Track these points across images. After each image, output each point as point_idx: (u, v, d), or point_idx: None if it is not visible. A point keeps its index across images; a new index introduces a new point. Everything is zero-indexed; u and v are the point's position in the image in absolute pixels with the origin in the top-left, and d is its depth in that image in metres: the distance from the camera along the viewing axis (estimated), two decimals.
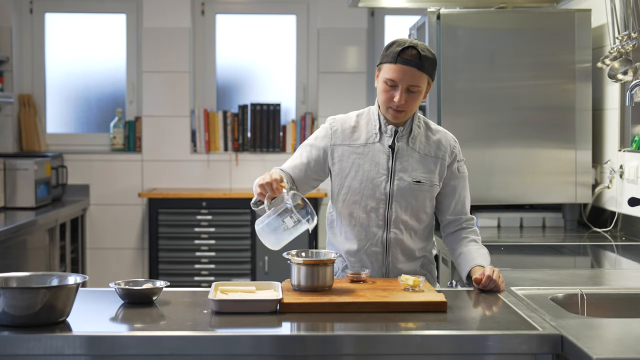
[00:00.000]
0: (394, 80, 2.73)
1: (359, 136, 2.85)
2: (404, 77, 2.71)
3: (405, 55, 2.71)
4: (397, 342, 2.11)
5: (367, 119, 2.88)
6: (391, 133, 2.82)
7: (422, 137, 2.85)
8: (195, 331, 2.13)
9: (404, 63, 2.71)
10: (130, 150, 6.21)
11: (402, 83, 2.72)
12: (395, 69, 2.72)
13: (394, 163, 2.82)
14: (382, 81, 2.77)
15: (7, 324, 2.13)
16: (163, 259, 5.83)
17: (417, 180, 2.82)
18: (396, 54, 2.72)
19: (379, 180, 2.81)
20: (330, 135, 2.87)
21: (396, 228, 2.82)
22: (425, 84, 2.76)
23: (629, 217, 3.86)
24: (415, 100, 2.75)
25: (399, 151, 2.82)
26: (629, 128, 3.94)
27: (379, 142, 2.83)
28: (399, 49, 2.72)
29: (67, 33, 6.32)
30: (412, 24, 4.72)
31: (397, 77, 2.72)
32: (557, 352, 2.07)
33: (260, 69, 6.38)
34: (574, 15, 4.16)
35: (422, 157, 2.84)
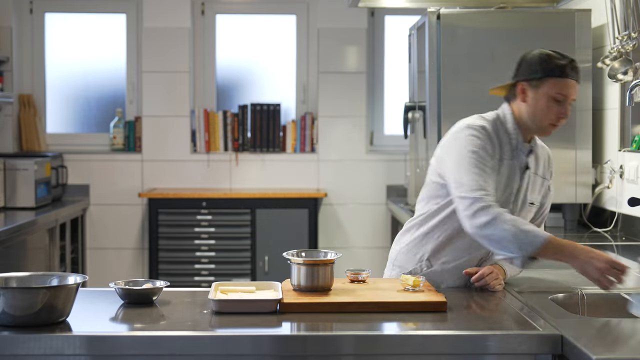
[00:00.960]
0: (564, 94, 2.63)
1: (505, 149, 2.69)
2: (571, 91, 2.63)
3: (571, 69, 2.63)
4: (397, 342, 2.11)
5: (503, 131, 2.70)
6: (525, 152, 2.71)
7: (536, 155, 2.77)
8: (195, 331, 2.13)
9: (572, 78, 2.63)
10: (130, 150, 6.21)
11: (570, 97, 2.64)
12: (565, 84, 2.62)
13: (520, 183, 2.70)
14: (546, 96, 2.63)
15: (7, 324, 2.13)
16: (163, 259, 5.83)
17: (531, 202, 2.74)
18: (563, 68, 2.63)
19: (507, 199, 2.68)
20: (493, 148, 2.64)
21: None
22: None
23: (629, 217, 3.86)
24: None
25: (529, 172, 2.71)
26: (629, 128, 3.94)
27: (514, 160, 2.69)
28: (564, 62, 2.63)
29: (67, 33, 6.32)
30: (412, 24, 4.72)
31: (568, 92, 2.63)
32: (557, 352, 2.07)
33: (260, 69, 6.38)
34: (574, 15, 4.16)
35: (536, 177, 2.75)
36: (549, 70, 2.64)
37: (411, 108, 4.63)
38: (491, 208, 2.48)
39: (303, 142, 6.18)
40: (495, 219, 2.46)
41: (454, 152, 2.65)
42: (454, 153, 2.65)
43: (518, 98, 2.70)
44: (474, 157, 2.59)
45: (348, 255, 5.99)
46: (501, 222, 2.46)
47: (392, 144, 6.25)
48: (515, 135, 2.70)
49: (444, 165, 2.69)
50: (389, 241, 6.11)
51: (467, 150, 2.60)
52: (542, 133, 2.71)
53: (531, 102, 2.67)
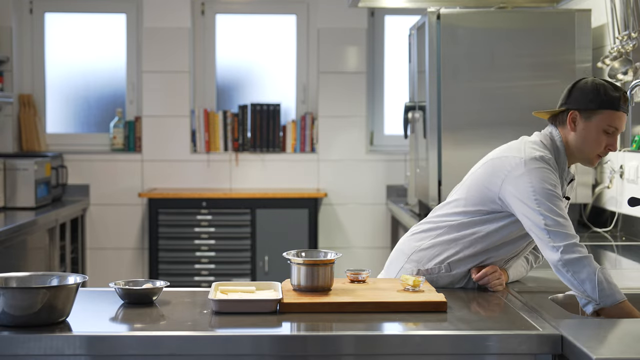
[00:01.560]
0: (616, 127, 2.58)
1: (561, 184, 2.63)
2: (622, 124, 2.59)
3: (624, 101, 2.59)
4: (397, 342, 2.11)
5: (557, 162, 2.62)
6: (568, 180, 2.66)
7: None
8: (195, 331, 2.13)
9: (624, 111, 2.59)
10: (130, 150, 6.21)
11: (620, 129, 2.60)
12: (619, 117, 2.58)
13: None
14: (598, 128, 2.58)
15: (7, 324, 2.13)
16: (163, 259, 5.83)
17: None
18: (618, 100, 2.57)
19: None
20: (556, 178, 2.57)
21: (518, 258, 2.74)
22: None
23: (629, 217, 3.86)
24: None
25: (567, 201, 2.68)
26: (629, 128, 3.94)
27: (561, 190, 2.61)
28: (618, 95, 2.58)
29: (67, 33, 6.32)
30: (412, 24, 4.72)
31: (620, 125, 2.59)
32: (557, 352, 2.07)
33: (260, 69, 6.38)
34: (574, 15, 4.16)
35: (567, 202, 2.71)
36: (604, 102, 2.57)
37: (411, 108, 4.63)
38: (583, 248, 2.46)
39: (303, 142, 6.18)
40: (586, 259, 2.43)
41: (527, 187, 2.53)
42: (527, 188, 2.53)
43: (568, 126, 2.63)
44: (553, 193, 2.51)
45: (348, 255, 5.99)
46: (590, 266, 2.42)
47: (392, 144, 6.25)
48: (564, 163, 2.64)
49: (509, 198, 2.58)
50: (389, 241, 6.11)
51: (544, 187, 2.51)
52: (587, 163, 2.66)
53: (581, 133, 2.60)
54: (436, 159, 4.19)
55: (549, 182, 2.51)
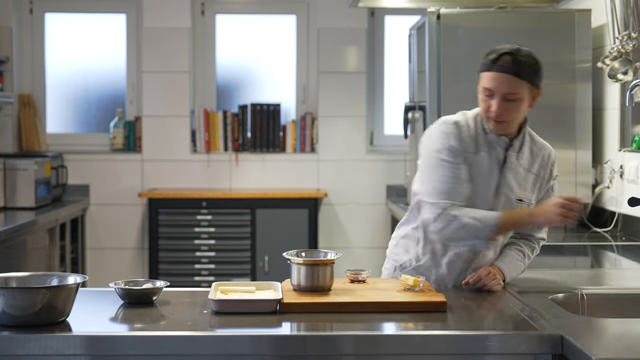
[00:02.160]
0: (489, 89, 2.62)
1: (478, 144, 2.69)
2: (499, 86, 2.60)
3: (501, 62, 2.60)
4: (397, 342, 2.11)
5: (480, 126, 2.71)
6: (502, 146, 2.69)
7: (527, 152, 2.73)
8: (195, 331, 2.13)
9: (499, 70, 2.60)
10: (130, 150, 6.21)
11: (498, 91, 2.60)
12: (491, 77, 2.62)
13: (501, 178, 2.68)
14: (480, 90, 2.67)
15: (7, 324, 2.13)
16: (163, 259, 5.83)
17: (519, 199, 2.69)
18: (492, 61, 2.62)
19: (486, 194, 2.67)
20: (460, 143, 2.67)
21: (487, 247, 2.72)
22: (525, 91, 2.61)
23: (629, 217, 3.86)
24: (515, 109, 2.62)
25: (509, 166, 2.68)
26: (629, 128, 3.94)
27: (489, 154, 2.68)
28: (494, 56, 2.62)
29: (67, 33, 6.32)
30: (412, 24, 4.72)
31: (493, 85, 2.61)
32: (557, 352, 2.07)
33: (260, 69, 6.38)
34: (574, 15, 4.16)
35: (527, 173, 2.71)
36: (482, 64, 2.68)
37: (411, 108, 4.63)
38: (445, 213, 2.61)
39: (303, 142, 6.18)
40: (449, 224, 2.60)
41: (423, 151, 2.74)
42: (423, 152, 2.74)
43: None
44: (439, 157, 2.65)
45: (348, 255, 5.99)
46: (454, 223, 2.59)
47: (392, 144, 6.25)
48: (488, 129, 2.69)
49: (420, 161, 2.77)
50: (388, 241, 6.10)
51: (433, 151, 2.68)
52: (491, 127, 2.68)
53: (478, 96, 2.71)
54: None
55: (444, 146, 2.65)
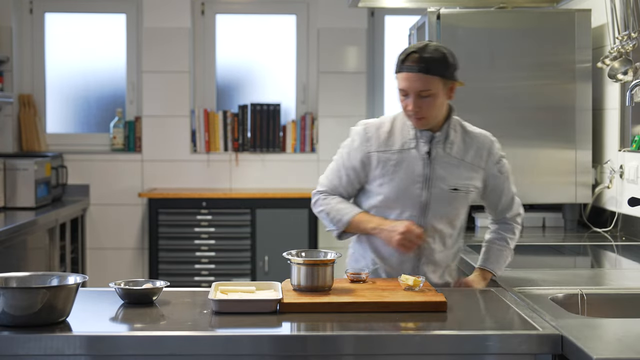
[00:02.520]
0: (403, 89, 2.67)
1: (394, 142, 2.76)
2: (410, 85, 2.64)
3: (408, 61, 2.65)
4: (397, 342, 2.11)
5: (402, 124, 2.78)
6: (427, 139, 2.73)
7: (459, 142, 2.77)
8: (195, 331, 2.13)
9: (408, 70, 2.64)
10: (130, 150, 6.21)
11: (411, 90, 2.64)
12: (401, 77, 2.67)
13: (430, 170, 2.73)
14: (398, 91, 2.71)
15: (7, 324, 2.13)
16: (163, 259, 5.83)
17: (453, 188, 2.74)
18: (400, 63, 2.67)
19: (414, 188, 2.73)
20: (365, 143, 2.78)
21: (430, 237, 2.76)
22: (437, 86, 2.65)
23: (629, 217, 3.86)
24: (432, 105, 2.66)
25: (435, 158, 2.73)
26: (629, 128, 3.94)
27: (415, 149, 2.74)
28: (402, 57, 2.66)
29: (67, 33, 6.32)
30: (412, 24, 4.72)
31: (405, 85, 2.66)
32: (557, 352, 2.07)
33: (260, 69, 6.38)
34: (574, 15, 4.16)
35: (459, 162, 2.75)
36: (395, 67, 2.72)
37: None
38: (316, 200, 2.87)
39: (303, 142, 6.18)
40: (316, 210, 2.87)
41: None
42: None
43: None
44: (338, 154, 2.87)
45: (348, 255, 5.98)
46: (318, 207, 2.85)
47: None
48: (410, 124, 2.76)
49: None
50: None
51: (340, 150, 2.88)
52: (413, 124, 2.74)
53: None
54: None
55: (347, 146, 2.84)
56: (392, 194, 2.73)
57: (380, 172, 2.75)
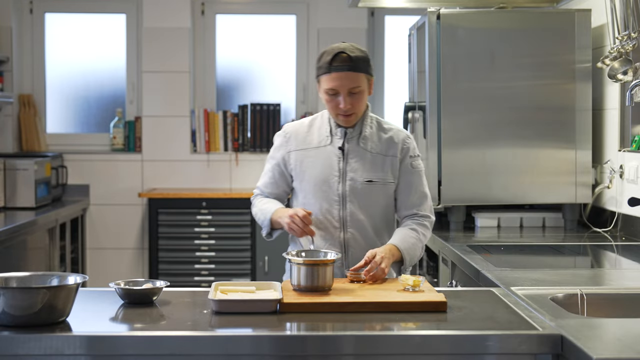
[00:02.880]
0: (333, 89, 2.80)
1: (311, 140, 2.93)
2: (342, 83, 2.79)
3: (337, 62, 2.79)
4: (397, 342, 2.11)
5: (320, 123, 2.95)
6: (341, 135, 2.89)
7: (374, 136, 2.91)
8: (195, 331, 2.13)
9: (337, 70, 2.78)
10: (130, 150, 6.21)
11: (342, 89, 2.79)
12: (332, 77, 2.79)
13: (345, 164, 2.87)
14: (324, 92, 2.85)
15: (7, 324, 2.13)
16: (163, 259, 5.83)
17: (368, 180, 2.87)
18: (328, 64, 2.79)
19: (331, 182, 2.87)
20: (285, 143, 2.97)
21: (352, 228, 2.87)
22: (364, 82, 2.82)
23: (629, 217, 3.86)
24: (360, 100, 2.82)
25: (349, 152, 2.88)
26: (629, 128, 3.94)
27: (331, 145, 2.90)
28: (329, 58, 2.79)
29: (67, 33, 6.32)
30: (412, 24, 4.72)
31: (336, 84, 2.79)
32: (557, 352, 2.07)
33: (260, 69, 6.38)
34: (574, 15, 4.16)
35: (374, 156, 2.89)
36: (318, 68, 2.85)
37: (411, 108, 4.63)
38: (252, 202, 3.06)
39: None
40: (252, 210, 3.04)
41: None
42: None
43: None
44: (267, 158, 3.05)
45: None
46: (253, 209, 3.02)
47: None
48: (328, 123, 2.91)
49: None
50: None
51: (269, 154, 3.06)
52: (342, 123, 2.87)
53: (321, 97, 2.89)
54: (436, 159, 4.19)
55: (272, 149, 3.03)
56: (310, 188, 2.89)
57: (299, 170, 2.93)
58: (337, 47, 2.83)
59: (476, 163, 4.16)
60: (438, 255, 3.86)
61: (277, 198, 3.03)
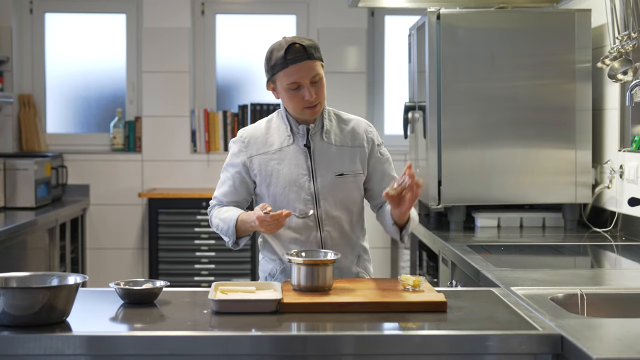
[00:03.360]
0: (295, 81, 2.73)
1: (272, 142, 2.85)
2: (303, 74, 2.72)
3: (292, 54, 2.72)
4: (397, 342, 2.11)
5: (277, 124, 2.87)
6: (304, 132, 2.82)
7: (335, 129, 2.86)
8: (195, 331, 2.13)
9: (295, 62, 2.71)
10: (130, 150, 6.21)
11: (304, 79, 2.72)
12: (291, 71, 2.72)
13: (312, 161, 2.81)
14: (284, 89, 2.76)
15: (7, 324, 2.13)
16: (163, 259, 5.83)
17: (339, 174, 2.82)
18: (283, 58, 2.72)
19: (301, 181, 2.80)
20: (244, 149, 2.87)
21: (328, 226, 2.83)
22: (321, 69, 2.78)
23: (629, 217, 3.86)
24: (322, 88, 2.77)
25: (315, 148, 2.82)
26: (629, 128, 3.94)
27: (294, 144, 2.83)
28: (282, 53, 2.72)
29: (67, 33, 6.32)
30: (412, 24, 4.72)
31: (297, 77, 2.72)
32: (557, 352, 2.07)
33: (261, 69, 6.32)
34: (574, 15, 4.16)
35: (340, 149, 2.84)
36: (272, 67, 2.76)
37: (411, 108, 4.63)
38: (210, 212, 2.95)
39: None
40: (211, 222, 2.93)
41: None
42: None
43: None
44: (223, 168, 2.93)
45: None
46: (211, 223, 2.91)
47: (392, 144, 6.23)
48: (287, 123, 2.84)
49: None
50: (388, 241, 6.11)
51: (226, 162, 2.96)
52: (309, 115, 2.79)
53: (281, 97, 2.81)
54: (436, 159, 4.19)
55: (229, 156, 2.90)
56: (280, 191, 2.81)
57: (264, 174, 2.83)
58: (286, 40, 2.75)
59: (476, 163, 4.16)
60: (438, 255, 3.86)
61: (238, 206, 2.91)
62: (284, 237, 2.87)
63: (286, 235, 2.86)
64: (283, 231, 2.84)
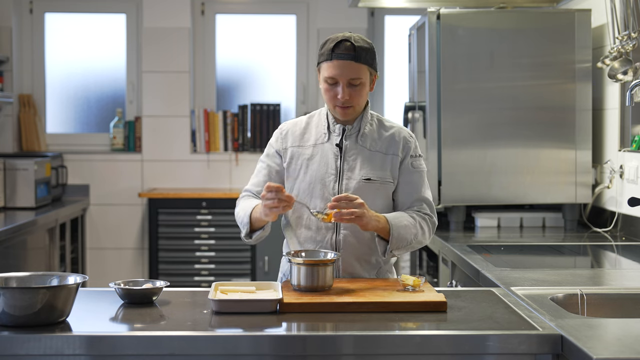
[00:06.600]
0: (333, 77, 2.69)
1: (309, 137, 2.82)
2: (342, 72, 2.67)
3: (340, 49, 2.67)
4: (397, 342, 2.11)
5: (318, 120, 2.84)
6: (339, 132, 2.78)
7: (374, 134, 2.79)
8: (195, 331, 2.13)
9: (339, 58, 2.67)
10: (130, 150, 6.21)
11: (342, 78, 2.68)
12: (332, 65, 2.68)
13: (342, 162, 2.76)
14: (323, 80, 2.73)
15: (7, 324, 2.13)
16: (163, 259, 5.83)
17: (366, 178, 2.74)
18: (330, 51, 2.68)
19: (327, 180, 2.75)
20: (281, 140, 2.84)
21: (346, 229, 2.74)
22: (366, 75, 2.71)
23: (629, 217, 3.86)
24: (360, 93, 2.71)
25: (347, 149, 2.77)
26: (629, 128, 3.94)
27: (328, 142, 2.79)
28: (332, 45, 2.68)
29: (67, 33, 6.32)
30: (412, 24, 4.72)
31: (336, 73, 2.68)
32: (557, 352, 2.07)
33: (260, 69, 6.38)
34: (574, 15, 4.16)
35: (372, 154, 2.77)
36: (320, 55, 2.74)
37: (411, 108, 4.63)
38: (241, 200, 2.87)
39: None
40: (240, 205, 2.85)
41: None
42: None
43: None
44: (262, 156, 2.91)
45: None
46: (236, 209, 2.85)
47: None
48: (326, 120, 2.81)
49: None
50: None
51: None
52: (339, 115, 2.77)
53: (320, 86, 2.78)
54: (436, 159, 4.19)
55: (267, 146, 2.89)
56: (305, 187, 2.77)
57: (294, 167, 2.80)
58: (342, 35, 2.71)
59: (476, 163, 4.16)
60: (438, 255, 3.86)
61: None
62: (301, 235, 2.79)
63: (302, 234, 2.79)
64: (300, 229, 2.79)
